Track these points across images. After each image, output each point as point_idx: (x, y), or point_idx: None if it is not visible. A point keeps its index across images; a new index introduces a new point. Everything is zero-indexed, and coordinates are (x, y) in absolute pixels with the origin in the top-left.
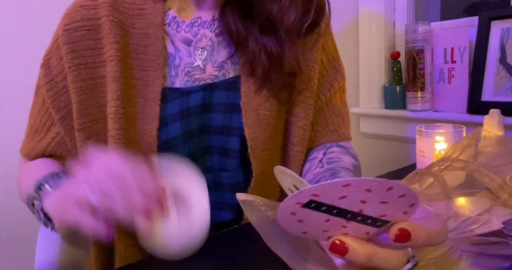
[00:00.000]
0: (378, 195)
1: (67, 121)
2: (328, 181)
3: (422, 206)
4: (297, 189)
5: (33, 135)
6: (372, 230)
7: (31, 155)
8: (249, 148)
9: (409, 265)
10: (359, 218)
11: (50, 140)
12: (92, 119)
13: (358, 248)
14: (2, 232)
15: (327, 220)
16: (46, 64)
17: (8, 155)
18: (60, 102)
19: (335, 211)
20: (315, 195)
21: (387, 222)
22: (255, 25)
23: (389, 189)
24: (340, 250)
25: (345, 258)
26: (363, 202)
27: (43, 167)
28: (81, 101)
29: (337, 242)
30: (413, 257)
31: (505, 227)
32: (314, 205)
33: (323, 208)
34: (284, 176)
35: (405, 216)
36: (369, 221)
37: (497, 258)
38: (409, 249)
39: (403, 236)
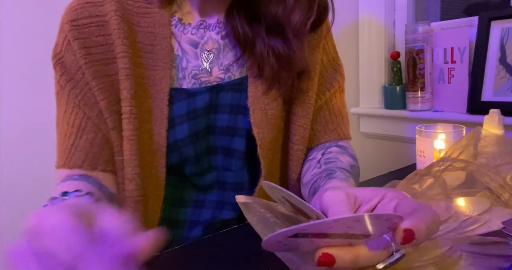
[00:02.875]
0: (365, 223)
1: (103, 119)
2: (316, 221)
3: (408, 198)
4: (287, 200)
5: (64, 140)
6: (355, 241)
7: (69, 164)
8: (258, 147)
9: (396, 256)
10: (343, 236)
11: (88, 143)
12: (120, 118)
13: (343, 255)
14: (2, 232)
15: (312, 241)
16: (59, 63)
17: (8, 154)
18: (89, 98)
19: (321, 236)
20: (304, 229)
21: (370, 235)
22: (262, 28)
23: (377, 217)
24: (328, 261)
25: (334, 267)
26: (350, 227)
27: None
28: (107, 98)
29: (323, 255)
30: (398, 250)
31: (505, 227)
32: (300, 234)
33: (309, 236)
34: (274, 189)
35: (387, 230)
36: (353, 237)
37: (497, 258)
38: (392, 243)
39: (409, 237)
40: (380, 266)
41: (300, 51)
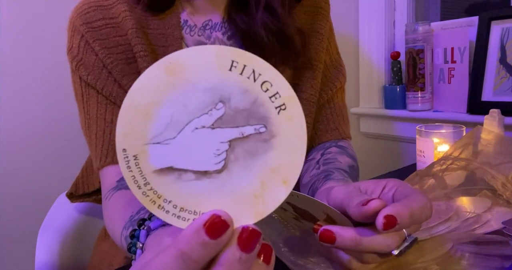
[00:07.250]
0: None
1: None
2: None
3: (406, 186)
4: (291, 205)
5: (103, 138)
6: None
7: (115, 159)
8: None
9: (409, 241)
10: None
11: None
12: None
13: (344, 233)
14: (2, 232)
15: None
16: (81, 65)
17: (8, 155)
18: (122, 95)
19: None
20: None
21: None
22: (254, 10)
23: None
24: (329, 238)
25: (335, 245)
26: None
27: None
28: None
29: (324, 231)
30: (410, 235)
31: (505, 227)
32: None
33: None
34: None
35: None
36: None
37: (497, 258)
38: (404, 229)
39: (390, 223)
40: (396, 252)
41: (290, 23)
